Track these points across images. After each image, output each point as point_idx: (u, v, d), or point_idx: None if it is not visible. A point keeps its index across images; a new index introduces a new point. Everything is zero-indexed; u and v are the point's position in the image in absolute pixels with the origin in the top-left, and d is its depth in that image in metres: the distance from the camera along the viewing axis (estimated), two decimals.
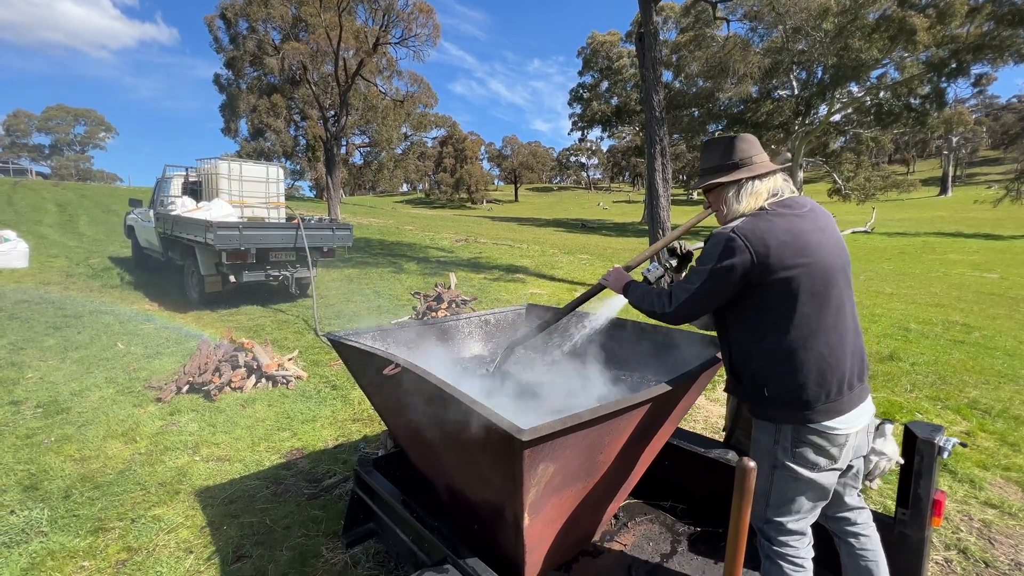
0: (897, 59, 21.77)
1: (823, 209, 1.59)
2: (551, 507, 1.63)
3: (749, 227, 1.47)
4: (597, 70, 35.60)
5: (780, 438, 1.53)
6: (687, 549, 2.16)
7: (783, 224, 1.47)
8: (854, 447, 1.54)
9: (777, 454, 1.54)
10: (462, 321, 2.87)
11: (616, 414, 1.45)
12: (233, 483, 3.08)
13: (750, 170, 1.57)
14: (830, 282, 1.47)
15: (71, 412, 3.92)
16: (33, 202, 19.43)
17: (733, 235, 1.47)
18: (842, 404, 1.47)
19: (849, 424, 1.48)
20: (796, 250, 1.44)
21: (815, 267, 1.45)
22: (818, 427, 1.47)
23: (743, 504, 0.95)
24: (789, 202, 1.55)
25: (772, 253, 1.43)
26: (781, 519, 1.56)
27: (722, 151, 1.63)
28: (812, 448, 1.49)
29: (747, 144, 1.62)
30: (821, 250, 1.47)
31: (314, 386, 4.64)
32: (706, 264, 1.51)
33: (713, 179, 1.63)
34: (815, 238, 1.48)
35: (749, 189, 1.57)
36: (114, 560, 2.40)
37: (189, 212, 7.30)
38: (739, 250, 1.45)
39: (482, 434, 1.35)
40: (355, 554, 2.45)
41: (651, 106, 9.35)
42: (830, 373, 1.45)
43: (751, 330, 1.53)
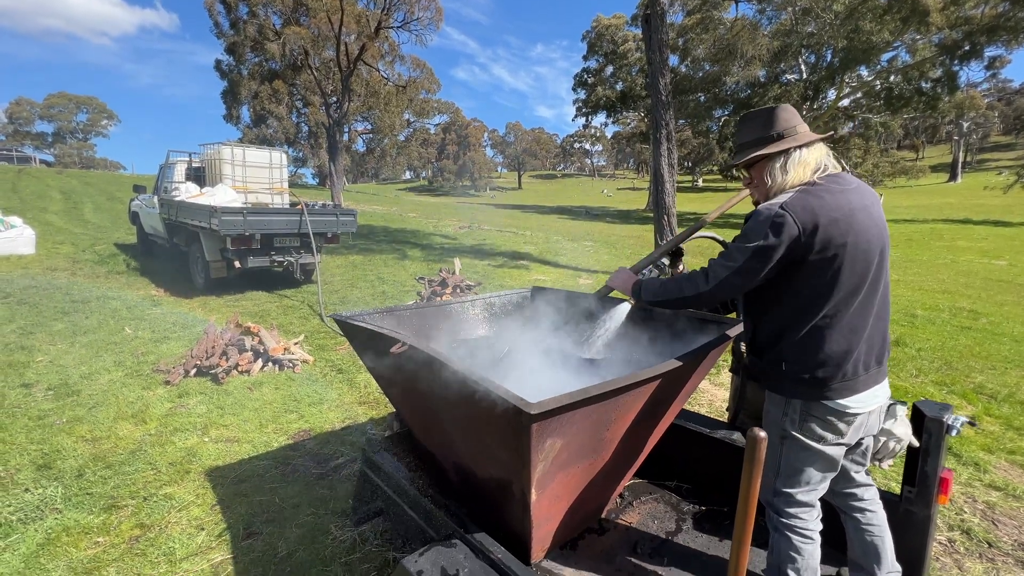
0: (909, 41, 21.32)
1: (868, 187, 1.54)
2: (558, 483, 1.64)
3: (799, 203, 1.41)
4: (602, 54, 35.06)
5: (789, 410, 1.54)
6: (692, 527, 2.18)
7: (833, 201, 1.42)
8: (864, 426, 1.54)
9: (785, 425, 1.55)
10: (467, 303, 2.87)
11: (624, 390, 1.45)
12: (242, 463, 3.12)
13: (795, 140, 1.50)
14: (870, 264, 1.44)
15: (81, 394, 3.97)
16: (38, 189, 19.47)
17: (783, 211, 1.40)
18: (857, 384, 1.46)
19: (861, 404, 1.48)
20: (843, 230, 1.39)
21: (858, 248, 1.41)
22: (830, 404, 1.47)
23: (753, 473, 0.95)
24: (837, 177, 1.50)
25: (820, 231, 1.38)
26: (790, 490, 1.57)
27: (763, 123, 1.56)
28: (820, 422, 1.50)
29: (788, 114, 1.55)
30: (867, 231, 1.43)
31: (320, 370, 4.67)
32: (752, 241, 1.45)
33: (755, 152, 1.55)
34: (862, 217, 1.43)
35: (796, 159, 1.50)
36: (127, 536, 2.45)
37: (193, 198, 7.29)
38: (788, 227, 1.39)
39: (490, 409, 1.36)
40: (363, 532, 2.49)
41: (657, 90, 9.22)
42: (851, 353, 1.45)
43: (783, 307, 1.50)
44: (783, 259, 1.42)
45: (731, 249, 1.52)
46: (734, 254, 1.50)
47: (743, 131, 1.63)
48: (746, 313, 1.67)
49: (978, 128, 45.83)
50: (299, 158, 45.29)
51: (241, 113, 36.09)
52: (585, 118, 38.74)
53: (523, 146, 75.28)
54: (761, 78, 25.60)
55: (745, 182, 1.67)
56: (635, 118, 40.30)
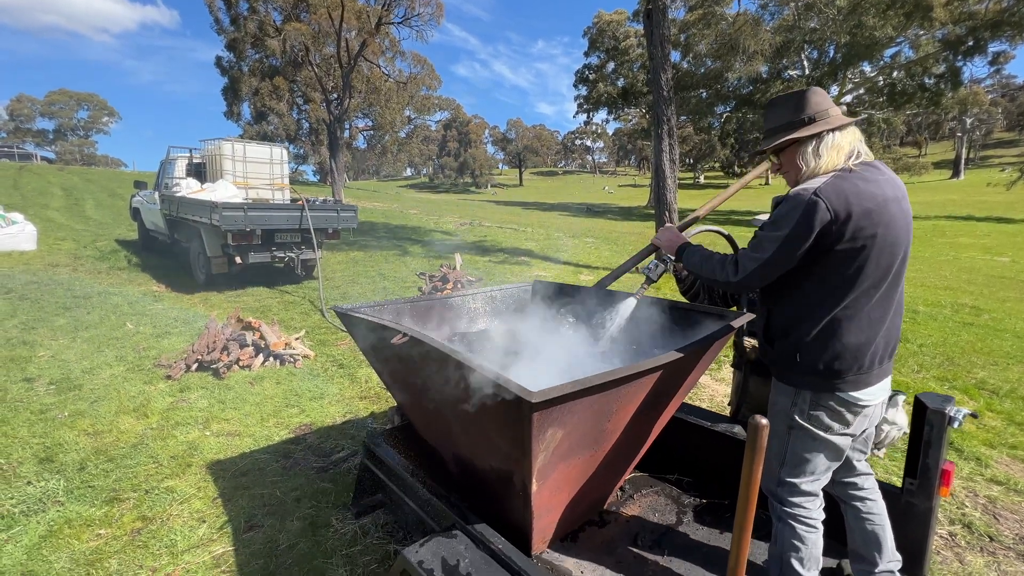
0: (912, 37, 21.20)
1: (898, 178, 1.50)
2: (559, 474, 1.64)
3: (834, 189, 1.36)
4: (603, 50, 34.96)
5: (798, 400, 1.52)
6: (693, 520, 2.18)
7: (868, 189, 1.38)
8: (870, 416, 1.54)
9: (794, 415, 1.54)
10: (468, 297, 2.87)
11: (625, 380, 1.44)
12: (243, 457, 3.12)
13: (827, 123, 1.46)
14: (895, 257, 1.42)
15: (83, 389, 3.98)
16: (39, 186, 19.49)
17: (816, 198, 1.35)
18: (870, 377, 1.46)
19: (872, 396, 1.48)
20: (875, 220, 1.36)
21: (886, 240, 1.39)
22: (842, 395, 1.46)
23: (755, 461, 0.94)
24: (871, 165, 1.46)
25: (853, 220, 1.34)
26: (795, 480, 1.56)
27: (793, 106, 1.51)
28: (828, 413, 1.49)
29: (820, 97, 1.49)
30: (896, 223, 1.40)
31: (321, 365, 4.68)
32: (781, 229, 1.40)
33: (786, 136, 1.49)
34: (894, 209, 1.40)
35: (830, 143, 1.45)
36: (129, 528, 2.45)
37: (194, 194, 7.29)
38: (820, 213, 1.34)
39: (491, 398, 1.36)
40: (364, 524, 2.49)
41: (659, 85, 9.19)
42: (869, 347, 1.44)
43: (802, 295, 1.47)
44: (812, 247, 1.38)
45: (760, 238, 1.48)
46: (764, 243, 1.46)
47: (772, 115, 1.58)
48: (762, 298, 1.63)
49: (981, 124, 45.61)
50: (300, 155, 45.24)
51: (242, 110, 36.04)
52: (586, 114, 38.67)
53: (524, 143, 75.13)
54: (763, 74, 25.49)
55: (774, 168, 1.62)
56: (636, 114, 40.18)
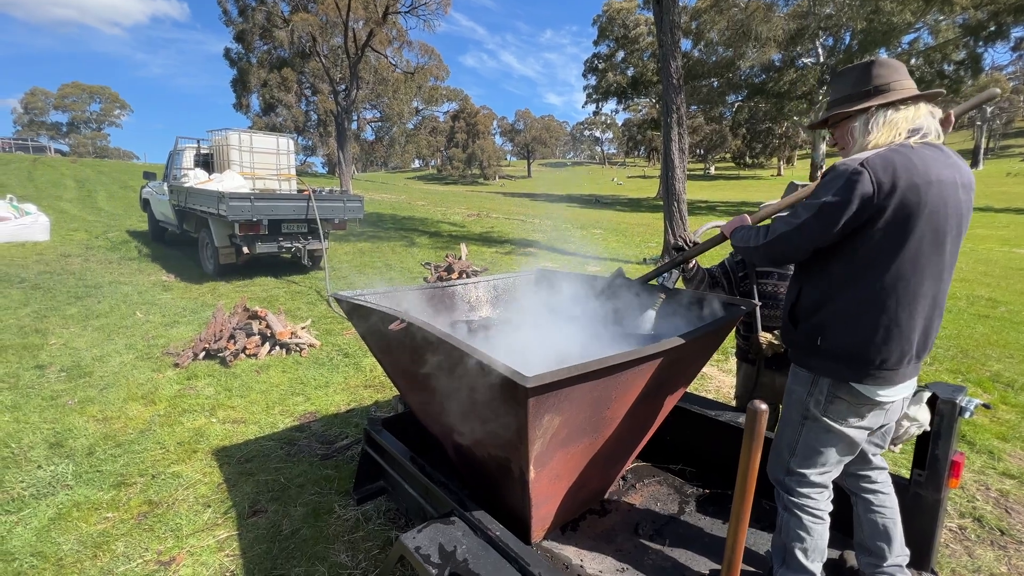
0: (931, 22, 20.62)
1: (968, 168, 1.39)
2: (557, 462, 1.62)
3: (881, 160, 1.27)
4: (613, 39, 34.45)
5: (815, 390, 1.47)
6: (695, 510, 2.16)
7: (922, 165, 1.27)
8: (891, 412, 1.48)
9: (809, 406, 1.48)
10: (471, 285, 2.84)
11: (625, 366, 1.42)
12: (248, 444, 3.15)
13: (884, 97, 1.36)
14: (941, 247, 1.31)
15: (93, 376, 4.03)
16: (53, 178, 19.74)
17: (861, 168, 1.27)
18: (895, 376, 1.37)
19: (894, 395, 1.42)
20: (922, 199, 1.26)
21: (932, 224, 1.29)
22: (862, 388, 1.39)
23: (753, 447, 0.91)
24: (936, 147, 1.35)
25: (898, 194, 1.25)
26: (805, 471, 1.52)
27: (855, 78, 1.42)
28: (847, 405, 1.43)
29: (886, 69, 1.38)
30: (946, 209, 1.28)
31: (327, 354, 4.70)
32: (820, 196, 1.33)
33: (838, 110, 1.42)
34: (948, 193, 1.29)
35: (881, 119, 1.36)
36: (136, 512, 2.49)
37: (201, 184, 7.33)
38: (862, 184, 1.26)
39: (487, 384, 1.34)
40: (366, 510, 2.50)
41: (668, 73, 9.04)
42: (895, 341, 1.34)
43: (835, 276, 1.39)
44: (851, 220, 1.29)
45: (799, 206, 1.42)
46: (798, 210, 1.40)
47: (834, 88, 1.51)
48: (795, 276, 1.56)
49: (1002, 113, 44.42)
50: (308, 146, 45.36)
51: (251, 102, 36.15)
52: (595, 105, 38.21)
53: (532, 134, 74.63)
54: (776, 62, 25.00)
55: (830, 143, 1.57)
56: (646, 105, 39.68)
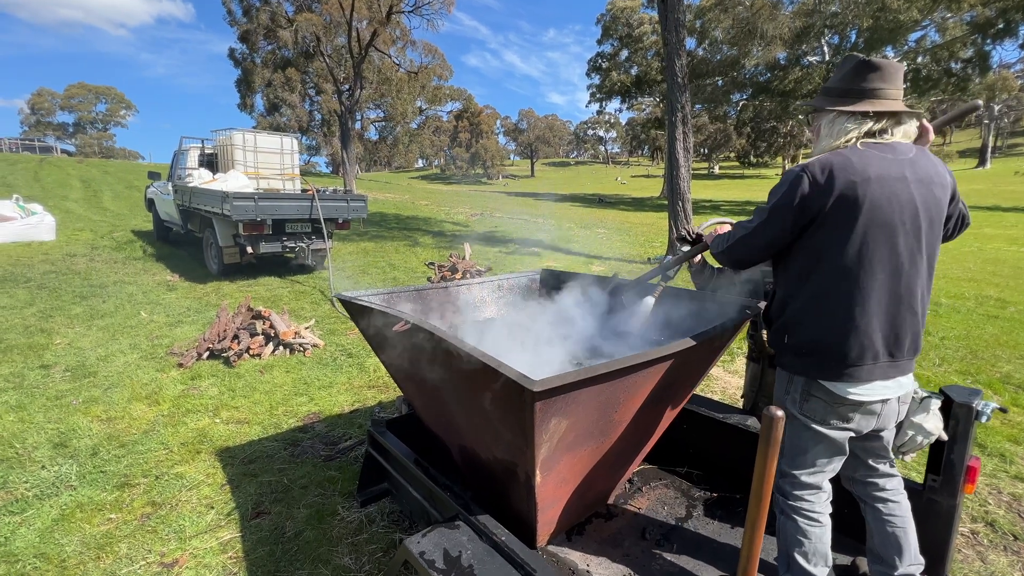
0: (938, 20, 20.44)
1: (938, 164, 1.41)
2: (564, 466, 1.59)
3: (820, 162, 1.36)
4: (616, 38, 34.34)
5: (791, 388, 1.51)
6: (703, 514, 2.12)
7: (860, 163, 1.32)
8: (880, 415, 1.45)
9: (787, 403, 1.53)
10: (475, 285, 2.82)
11: (633, 369, 1.39)
12: (252, 444, 3.14)
13: (857, 105, 1.40)
14: (892, 240, 1.34)
15: (97, 376, 4.03)
16: (59, 178, 19.86)
17: (801, 172, 1.37)
18: (861, 372, 1.38)
19: (868, 393, 1.40)
20: (864, 194, 1.31)
21: (877, 218, 1.32)
22: (831, 386, 1.41)
23: (769, 454, 0.89)
24: (891, 144, 1.39)
25: (835, 189, 1.31)
26: (795, 471, 1.52)
27: (845, 72, 1.45)
28: (821, 404, 1.45)
29: (876, 74, 1.39)
30: (892, 203, 1.32)
31: (330, 354, 4.69)
32: (769, 201, 1.43)
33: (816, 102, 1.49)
34: (897, 188, 1.33)
35: (837, 127, 1.42)
36: (139, 513, 2.48)
37: (205, 184, 7.34)
38: (802, 184, 1.35)
39: (492, 387, 1.31)
40: (370, 513, 2.48)
41: (673, 71, 8.98)
42: (852, 336, 1.37)
43: (794, 272, 1.47)
44: (799, 218, 1.38)
45: (755, 211, 1.51)
46: (754, 215, 1.50)
47: (834, 74, 1.52)
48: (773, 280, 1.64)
49: (1009, 111, 44.04)
50: (312, 146, 45.48)
51: (255, 102, 36.26)
52: (599, 104, 38.11)
53: (536, 133, 74.53)
54: (781, 60, 24.85)
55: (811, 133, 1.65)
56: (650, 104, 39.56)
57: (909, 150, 1.39)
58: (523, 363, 2.18)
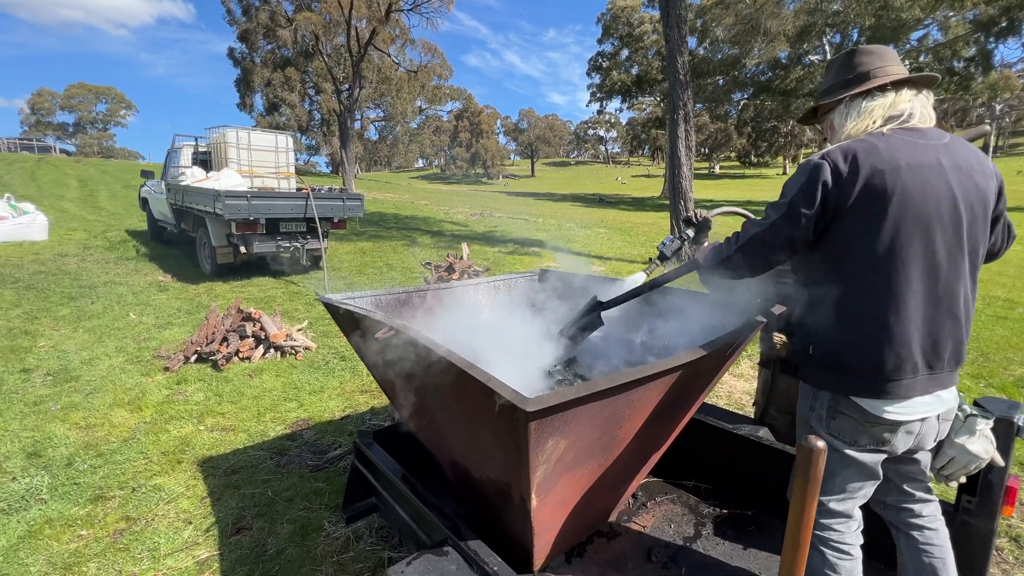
0: (941, 19, 20.29)
1: (977, 152, 1.27)
2: (563, 487, 1.45)
3: (843, 149, 1.21)
4: (617, 37, 34.24)
5: (816, 405, 1.36)
6: (712, 532, 1.98)
7: (888, 150, 1.18)
8: (918, 435, 1.29)
9: (811, 421, 1.38)
10: (470, 287, 2.68)
11: (639, 383, 1.24)
12: (236, 453, 2.99)
13: (863, 85, 1.29)
14: (929, 236, 1.18)
15: (80, 380, 3.89)
16: (56, 178, 19.71)
17: (821, 160, 1.22)
18: (899, 387, 1.21)
19: (907, 412, 1.24)
20: (893, 184, 1.16)
21: (909, 211, 1.17)
22: (864, 403, 1.25)
23: (808, 493, 0.74)
24: (920, 129, 1.25)
25: (860, 179, 1.17)
26: (822, 498, 1.36)
27: (837, 68, 1.37)
28: (852, 423, 1.28)
29: (868, 56, 1.31)
30: (927, 194, 1.17)
31: (323, 357, 4.54)
32: (786, 196, 1.28)
33: (821, 101, 1.39)
34: (932, 177, 1.18)
35: (858, 108, 1.29)
36: (112, 529, 2.33)
37: (198, 182, 7.19)
38: (823, 175, 1.20)
39: (482, 404, 1.17)
40: (357, 529, 2.34)
41: (675, 68, 8.84)
42: (886, 345, 1.20)
43: (817, 276, 1.32)
44: (819, 215, 1.23)
45: (768, 207, 1.34)
46: (768, 211, 1.33)
47: (825, 79, 1.44)
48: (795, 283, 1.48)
49: (1011, 110, 43.84)
50: (312, 146, 45.34)
51: (254, 101, 36.14)
52: (599, 103, 38.02)
53: (536, 133, 74.36)
54: (782, 59, 24.72)
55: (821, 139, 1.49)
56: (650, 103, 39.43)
57: (942, 135, 1.25)
58: (519, 370, 2.04)
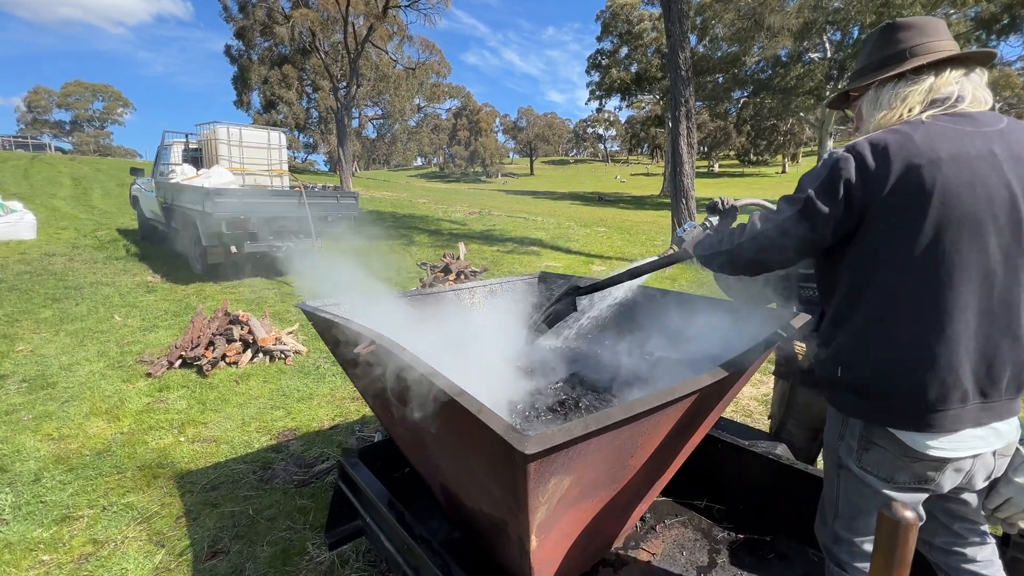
0: (942, 16, 20.13)
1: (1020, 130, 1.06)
2: (566, 523, 1.28)
3: (871, 140, 1.04)
4: (616, 35, 34.00)
5: (846, 434, 1.16)
6: (728, 561, 1.81)
7: (928, 138, 1.01)
8: (967, 473, 1.10)
9: (841, 452, 1.17)
10: (465, 291, 2.51)
11: (653, 411, 1.07)
12: (218, 467, 2.82)
13: (900, 66, 1.10)
14: (981, 238, 0.99)
15: (56, 387, 3.71)
16: (49, 175, 19.47)
17: (846, 154, 1.04)
18: (944, 419, 1.02)
19: (955, 447, 1.04)
20: (932, 180, 0.98)
21: (955, 211, 0.98)
22: (903, 436, 1.06)
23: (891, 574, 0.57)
24: (968, 114, 1.06)
25: (892, 175, 1.00)
26: (854, 538, 1.19)
27: (872, 45, 1.18)
28: (888, 457, 1.09)
29: (908, 31, 1.12)
30: (980, 188, 0.98)
31: (313, 361, 4.37)
32: (804, 189, 1.10)
33: (851, 86, 1.20)
34: (981, 169, 0.99)
35: (888, 95, 1.11)
36: (77, 555, 2.16)
37: (188, 180, 7.00)
38: (847, 170, 1.03)
39: (475, 435, 1.00)
40: (343, 552, 2.17)
41: (676, 64, 8.66)
42: (934, 369, 1.01)
43: (844, 285, 1.13)
44: (843, 216, 1.06)
45: (782, 199, 1.16)
46: (780, 205, 1.16)
47: (859, 58, 1.24)
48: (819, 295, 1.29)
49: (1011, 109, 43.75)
50: (310, 144, 45.09)
51: (252, 99, 35.88)
52: (599, 102, 37.82)
53: (535, 131, 74.11)
54: (783, 57, 24.54)
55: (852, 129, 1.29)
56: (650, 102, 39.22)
57: (997, 120, 1.06)
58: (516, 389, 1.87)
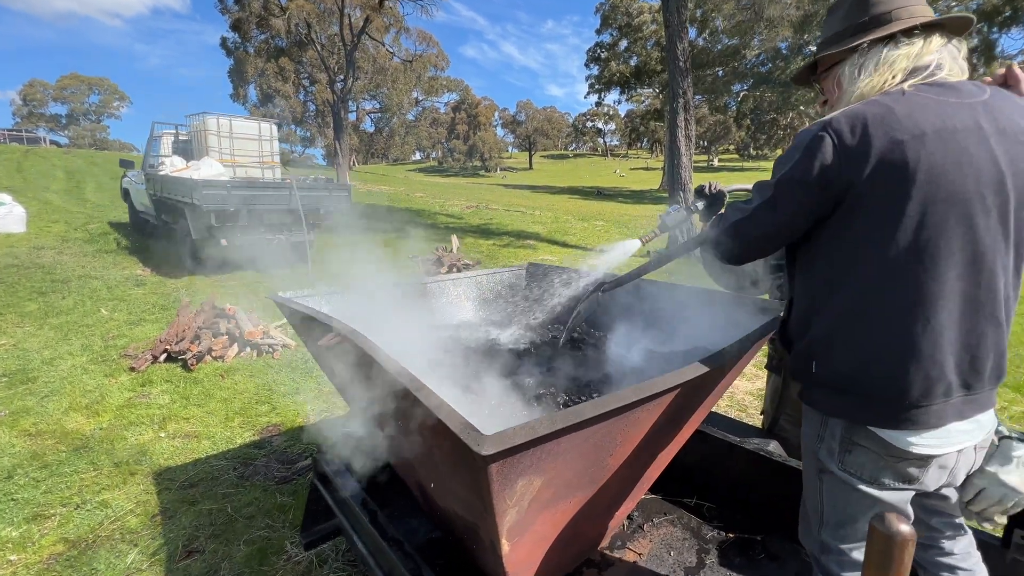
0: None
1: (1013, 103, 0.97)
2: (541, 524, 1.21)
3: (848, 115, 0.95)
4: (616, 28, 33.76)
5: (826, 434, 1.08)
6: (717, 562, 1.75)
7: (908, 114, 0.91)
8: (950, 469, 1.03)
9: (821, 455, 1.10)
10: (450, 282, 2.43)
11: (631, 407, 1.00)
12: (197, 463, 2.75)
13: (884, 29, 1.00)
14: (963, 221, 0.91)
15: (37, 382, 3.63)
16: (43, 169, 19.30)
17: (822, 132, 0.95)
18: (928, 414, 0.95)
19: (940, 443, 0.98)
20: (917, 157, 0.89)
21: (941, 190, 0.90)
22: (884, 434, 0.99)
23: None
24: (951, 84, 0.97)
25: (873, 153, 0.91)
26: (843, 546, 1.12)
27: (846, 9, 1.07)
28: (872, 457, 1.02)
29: None
30: (967, 165, 0.90)
31: (301, 356, 4.30)
32: (776, 174, 1.03)
33: (823, 52, 1.09)
34: (968, 144, 0.90)
35: (875, 59, 1.00)
36: (46, 554, 2.09)
37: (177, 172, 6.90)
38: (824, 149, 0.95)
39: (437, 434, 0.92)
40: (322, 551, 2.11)
41: (675, 55, 8.55)
42: (917, 363, 0.94)
43: (820, 274, 1.05)
44: (819, 201, 0.98)
45: (755, 187, 1.10)
46: (754, 192, 1.11)
47: (824, 28, 1.13)
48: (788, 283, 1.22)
49: None
50: (307, 137, 44.83)
51: (248, 92, 35.58)
52: (598, 95, 37.60)
53: (534, 125, 73.76)
54: (783, 50, 24.38)
55: (820, 103, 1.18)
56: (649, 95, 39.03)
57: (980, 90, 0.96)
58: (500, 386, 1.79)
